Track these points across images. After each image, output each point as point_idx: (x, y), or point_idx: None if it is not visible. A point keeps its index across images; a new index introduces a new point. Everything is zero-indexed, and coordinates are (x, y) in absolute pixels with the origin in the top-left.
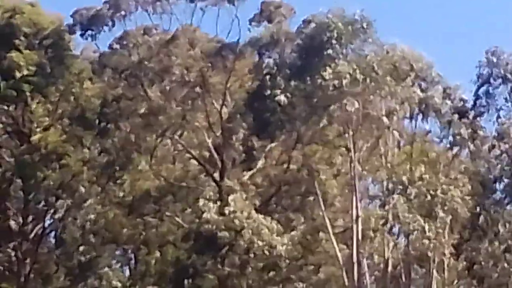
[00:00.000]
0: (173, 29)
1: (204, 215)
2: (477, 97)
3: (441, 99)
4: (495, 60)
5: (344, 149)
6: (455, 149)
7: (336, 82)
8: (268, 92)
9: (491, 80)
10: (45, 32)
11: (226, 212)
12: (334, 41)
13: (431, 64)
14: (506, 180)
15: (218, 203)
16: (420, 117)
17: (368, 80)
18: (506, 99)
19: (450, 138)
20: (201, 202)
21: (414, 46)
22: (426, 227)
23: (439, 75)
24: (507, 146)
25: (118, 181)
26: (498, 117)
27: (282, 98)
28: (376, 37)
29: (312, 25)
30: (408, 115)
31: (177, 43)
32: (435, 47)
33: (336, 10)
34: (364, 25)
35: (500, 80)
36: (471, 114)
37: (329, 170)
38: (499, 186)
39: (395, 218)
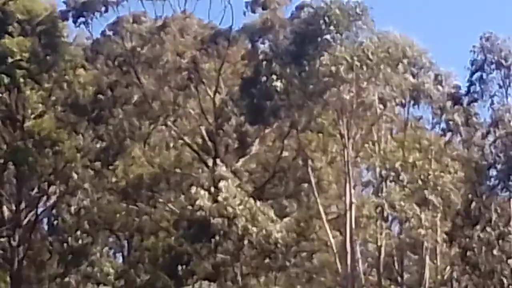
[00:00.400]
0: (166, 15)
1: (197, 202)
2: (471, 83)
3: (433, 85)
4: (489, 46)
5: (338, 136)
6: (448, 136)
7: (333, 68)
8: (264, 78)
9: (485, 66)
10: (39, 18)
11: (220, 199)
12: (331, 27)
13: (423, 51)
14: (499, 167)
15: (212, 189)
16: (412, 103)
17: (363, 67)
18: (500, 85)
19: (443, 124)
20: (194, 189)
21: (407, 32)
22: (422, 216)
23: (431, 61)
24: (501, 132)
25: (111, 167)
26: (492, 103)
27: (278, 84)
28: (372, 24)
29: (309, 10)
30: (401, 102)
31: (169, 29)
32: (429, 33)
33: None
34: (360, 11)
35: (494, 66)
36: (465, 100)
37: (324, 157)
38: (493, 172)
39: (389, 205)
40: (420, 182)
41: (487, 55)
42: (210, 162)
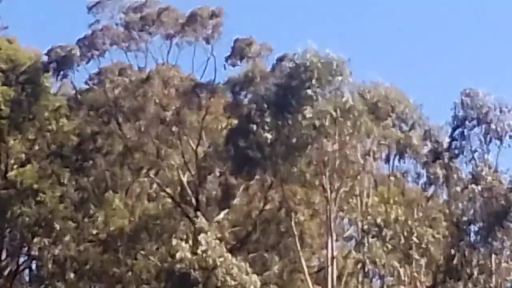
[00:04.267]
0: (148, 67)
1: (177, 254)
2: (452, 138)
3: (420, 141)
4: (469, 102)
5: (321, 189)
6: (431, 190)
7: (317, 121)
8: (254, 127)
9: (466, 122)
10: (22, 68)
11: (198, 251)
12: (313, 81)
13: (413, 106)
14: (480, 223)
15: (193, 241)
16: (397, 157)
17: (346, 121)
18: (480, 141)
19: (426, 179)
20: (174, 241)
21: (395, 84)
22: (401, 271)
23: (421, 117)
24: (480, 188)
25: (92, 218)
26: (473, 158)
27: (269, 135)
28: (351, 77)
29: (291, 64)
30: (384, 155)
31: (152, 82)
32: (417, 86)
33: (311, 50)
34: (339, 65)
35: (475, 122)
36: (447, 155)
37: (307, 210)
38: (474, 228)
39: (370, 260)
40: (402, 238)
41: (467, 111)
42: (191, 214)
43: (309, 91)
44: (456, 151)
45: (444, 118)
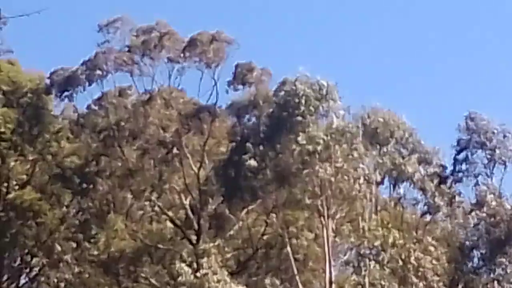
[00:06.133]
0: (151, 90)
1: (180, 278)
2: (455, 162)
3: (415, 166)
4: (473, 126)
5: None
6: (430, 216)
7: (310, 147)
8: (237, 157)
9: (470, 146)
10: (24, 90)
11: (198, 275)
12: (303, 108)
13: (411, 130)
14: (483, 249)
15: (195, 265)
16: (393, 182)
17: (338, 146)
18: (484, 165)
19: (425, 205)
20: (177, 264)
21: (398, 108)
22: None
23: (419, 142)
24: (484, 213)
25: (93, 240)
26: (477, 183)
27: (252, 163)
28: (340, 101)
29: (282, 92)
30: (379, 180)
31: (154, 104)
32: (418, 109)
33: (302, 77)
34: (329, 90)
35: (478, 146)
36: (450, 179)
37: (308, 234)
38: (477, 253)
39: (369, 284)
40: (400, 261)
41: (471, 135)
42: (193, 237)
43: (299, 118)
44: (460, 175)
45: (448, 142)
